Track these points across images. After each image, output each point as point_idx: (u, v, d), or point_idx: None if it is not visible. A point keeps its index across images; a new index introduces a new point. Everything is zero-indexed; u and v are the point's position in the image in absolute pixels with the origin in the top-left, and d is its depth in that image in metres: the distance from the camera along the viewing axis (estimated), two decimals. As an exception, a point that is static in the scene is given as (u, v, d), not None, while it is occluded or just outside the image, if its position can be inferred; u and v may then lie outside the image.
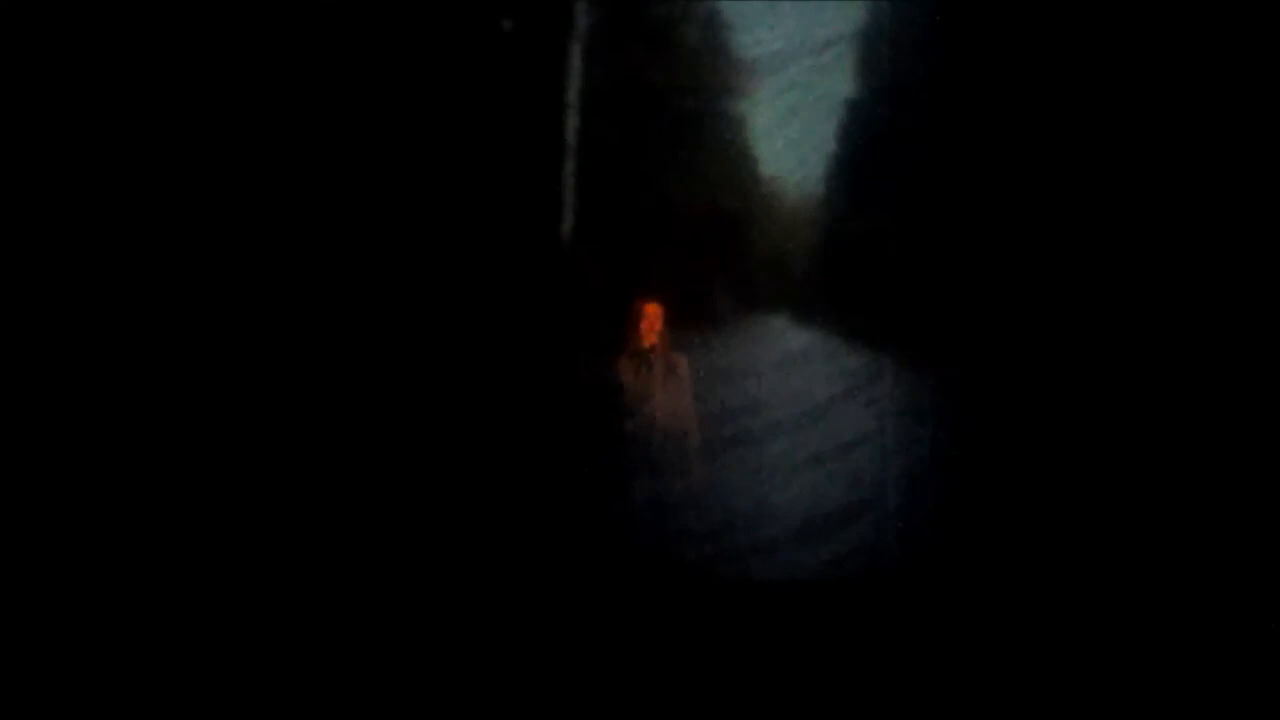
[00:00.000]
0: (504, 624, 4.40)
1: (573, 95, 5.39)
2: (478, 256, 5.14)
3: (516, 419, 5.04)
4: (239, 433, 4.58)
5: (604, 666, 4.10)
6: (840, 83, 5.83)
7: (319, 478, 4.66)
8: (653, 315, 4.83)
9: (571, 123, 5.40)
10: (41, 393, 4.42)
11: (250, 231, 4.71)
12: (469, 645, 4.26)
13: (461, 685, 4.05)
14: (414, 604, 4.47)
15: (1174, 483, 4.57)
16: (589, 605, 4.51)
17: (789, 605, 4.65)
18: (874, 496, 5.24)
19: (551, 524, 4.88)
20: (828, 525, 5.19)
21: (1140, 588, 4.36)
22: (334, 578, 4.50)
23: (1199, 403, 4.61)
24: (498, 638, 4.31)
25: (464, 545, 4.76)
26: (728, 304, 5.79)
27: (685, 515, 4.82)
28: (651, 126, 5.64)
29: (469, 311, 5.10)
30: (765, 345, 5.85)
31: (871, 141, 5.78)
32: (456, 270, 5.12)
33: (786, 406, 5.55)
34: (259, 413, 4.61)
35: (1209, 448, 4.55)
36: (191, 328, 4.58)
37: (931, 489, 5.17)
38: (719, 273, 5.76)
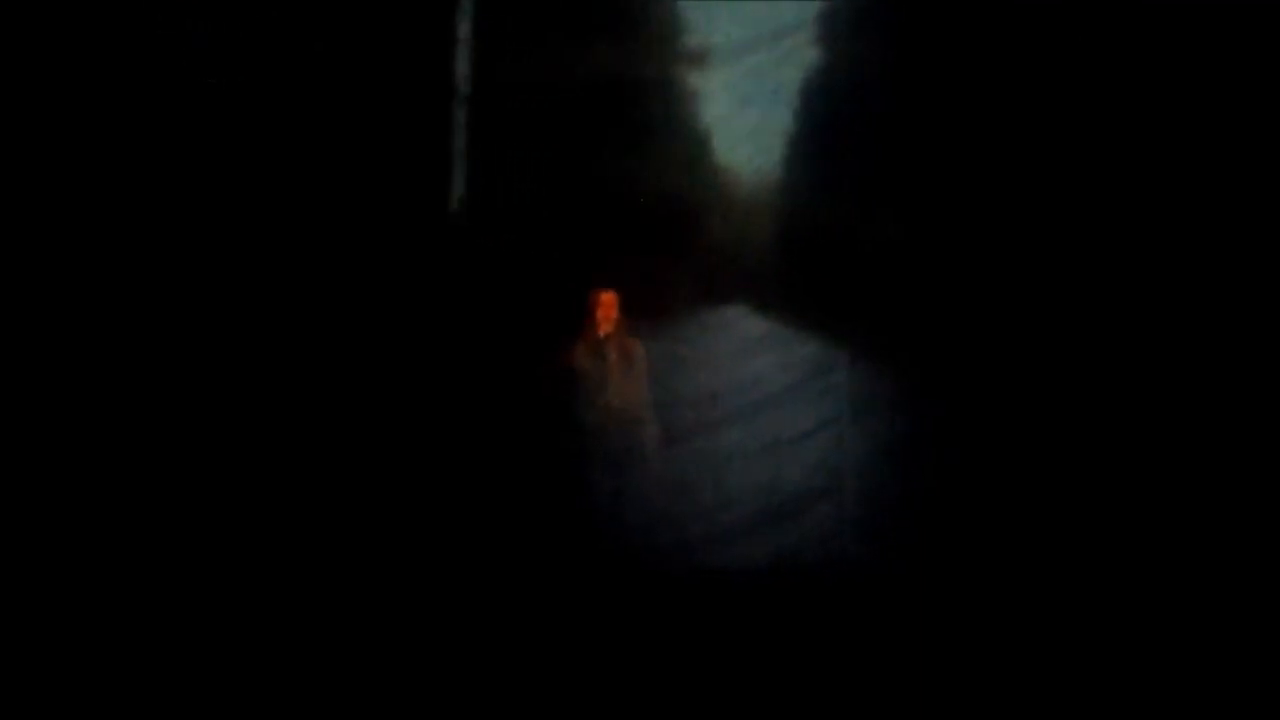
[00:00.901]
0: (461, 613, 4.37)
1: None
2: (436, 244, 5.10)
3: (472, 408, 5.01)
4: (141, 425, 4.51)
5: (562, 654, 4.08)
6: (797, 72, 5.84)
7: (274, 469, 4.62)
8: (608, 304, 4.79)
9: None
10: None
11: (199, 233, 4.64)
12: (425, 635, 4.23)
13: (416, 672, 4.02)
14: (365, 594, 4.43)
15: (1132, 469, 4.63)
16: (546, 593, 4.49)
17: (747, 592, 4.65)
18: (831, 483, 5.26)
19: (508, 513, 4.86)
20: (785, 512, 5.21)
21: (1096, 573, 4.40)
22: (278, 567, 4.46)
23: (1157, 393, 4.66)
24: (454, 626, 4.28)
25: (418, 537, 4.73)
26: (684, 292, 5.80)
27: (642, 503, 4.81)
28: (610, 115, 5.63)
29: (426, 300, 5.06)
30: (722, 333, 5.86)
31: (828, 131, 5.80)
32: (418, 261, 5.08)
33: (743, 394, 5.56)
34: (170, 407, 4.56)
35: (1171, 437, 4.61)
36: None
37: (888, 476, 5.20)
38: (676, 261, 5.76)
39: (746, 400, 5.55)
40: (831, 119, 5.77)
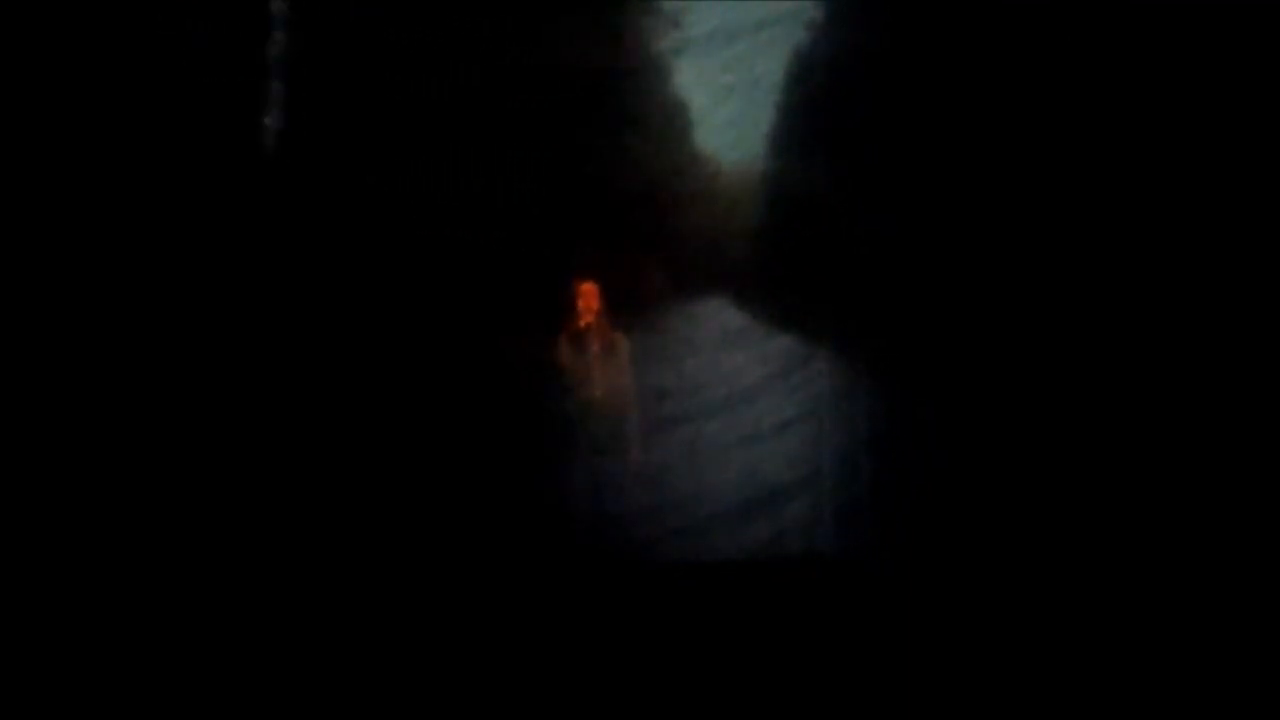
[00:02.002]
0: (443, 605, 4.36)
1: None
2: (425, 234, 5.07)
3: (456, 400, 4.99)
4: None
5: (543, 645, 4.08)
6: (776, 63, 5.85)
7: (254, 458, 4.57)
8: (589, 295, 4.79)
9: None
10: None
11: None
12: (400, 627, 4.22)
13: (393, 662, 4.01)
14: (344, 586, 4.41)
15: (1116, 461, 4.67)
16: (527, 585, 4.49)
17: (726, 583, 4.66)
18: (809, 475, 5.28)
19: (490, 505, 4.85)
20: (764, 504, 5.22)
21: (1080, 563, 4.44)
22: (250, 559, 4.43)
23: (1140, 384, 4.70)
24: (436, 620, 4.27)
25: (400, 530, 4.71)
26: (664, 284, 5.80)
27: (622, 494, 4.81)
28: (589, 106, 5.60)
29: (411, 292, 5.03)
30: (701, 325, 5.87)
31: (809, 122, 5.81)
32: (404, 253, 5.04)
33: (723, 386, 5.58)
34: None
35: (1155, 427, 4.65)
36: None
37: (865, 468, 5.22)
38: (655, 253, 5.76)
39: (726, 392, 5.57)
40: (812, 110, 5.78)
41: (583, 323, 4.78)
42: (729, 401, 5.57)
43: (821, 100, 5.66)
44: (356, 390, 4.85)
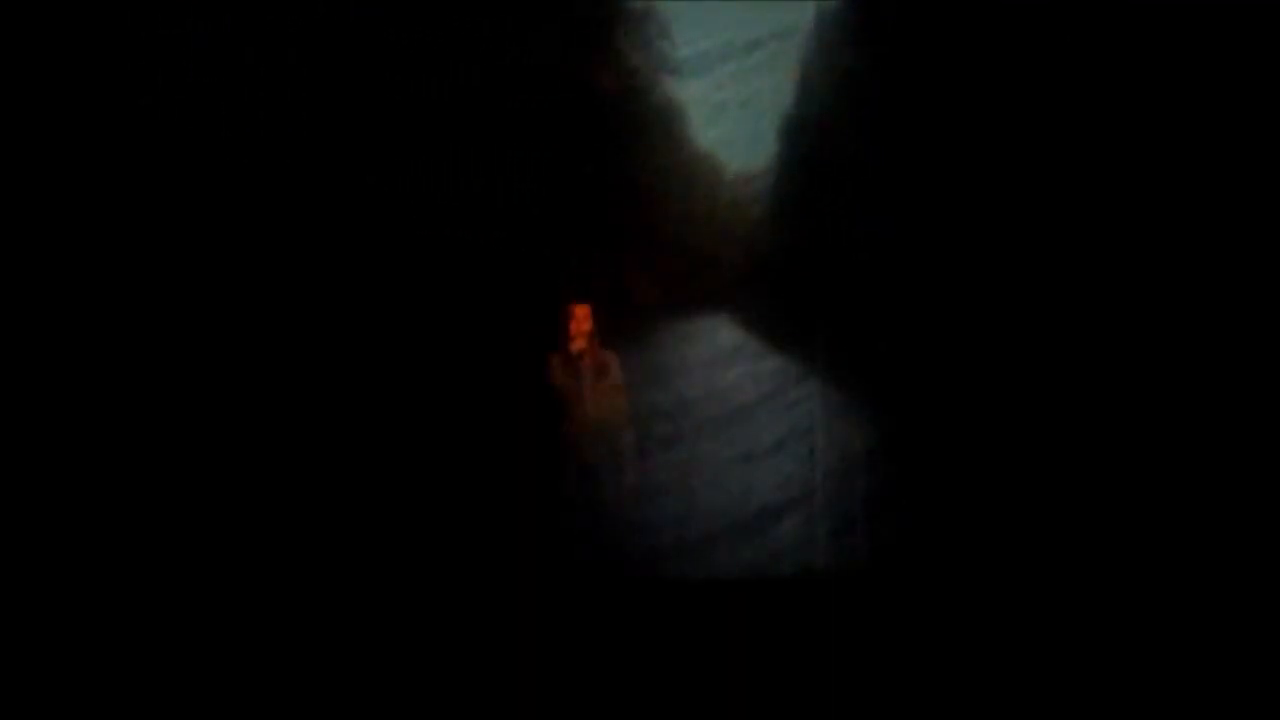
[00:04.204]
0: (438, 625, 4.36)
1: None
2: (419, 258, 5.08)
3: (449, 420, 5.00)
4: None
5: (538, 665, 4.09)
6: (768, 83, 5.87)
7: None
8: (581, 316, 4.80)
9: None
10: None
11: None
12: (400, 649, 4.22)
13: (392, 685, 4.01)
14: (339, 604, 4.42)
15: (1114, 475, 4.67)
16: (523, 604, 4.49)
17: (719, 601, 4.66)
18: (803, 494, 5.29)
19: (484, 525, 4.85)
20: (757, 522, 5.23)
21: (1077, 578, 4.44)
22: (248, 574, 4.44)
23: (1139, 399, 4.71)
24: (431, 639, 4.27)
25: (394, 549, 4.72)
26: (656, 303, 5.82)
27: (616, 513, 4.82)
28: (580, 125, 5.62)
29: (404, 311, 5.04)
30: (693, 345, 5.89)
31: (800, 142, 5.83)
32: (396, 270, 5.06)
33: (716, 405, 5.59)
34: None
35: (1155, 443, 4.65)
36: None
37: (859, 486, 5.23)
38: (647, 272, 5.78)
39: (720, 411, 5.58)
40: (805, 131, 5.80)
41: (575, 345, 4.80)
42: (722, 420, 5.58)
43: (814, 120, 5.68)
44: (346, 406, 4.86)
